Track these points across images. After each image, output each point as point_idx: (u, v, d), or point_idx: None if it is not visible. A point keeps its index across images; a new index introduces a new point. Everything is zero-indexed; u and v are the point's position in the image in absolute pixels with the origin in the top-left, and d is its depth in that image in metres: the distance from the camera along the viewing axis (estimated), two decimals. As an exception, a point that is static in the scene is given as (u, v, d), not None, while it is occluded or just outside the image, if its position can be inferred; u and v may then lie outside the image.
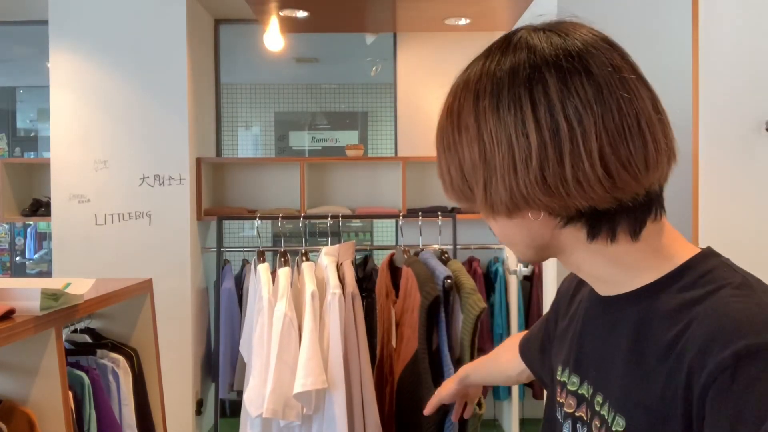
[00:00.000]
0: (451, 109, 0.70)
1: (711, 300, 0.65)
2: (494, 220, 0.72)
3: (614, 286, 0.73)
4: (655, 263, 0.70)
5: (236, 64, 4.51)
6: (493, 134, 0.65)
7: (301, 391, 1.96)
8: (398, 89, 3.91)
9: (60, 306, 1.28)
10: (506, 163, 0.65)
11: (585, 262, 0.72)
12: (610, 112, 0.64)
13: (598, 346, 0.76)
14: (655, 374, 0.65)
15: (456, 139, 0.69)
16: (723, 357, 0.59)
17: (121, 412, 1.63)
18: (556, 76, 0.64)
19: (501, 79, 0.66)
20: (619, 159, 0.64)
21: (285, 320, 2.06)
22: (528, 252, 0.74)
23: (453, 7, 3.10)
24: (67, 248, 3.36)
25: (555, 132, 0.63)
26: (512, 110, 0.64)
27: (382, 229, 5.29)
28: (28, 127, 6.58)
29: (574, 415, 0.77)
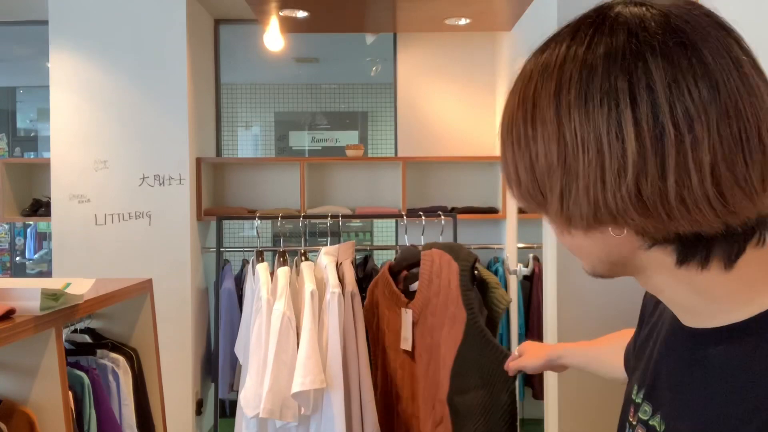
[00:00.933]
0: (524, 96, 0.58)
1: None
2: (567, 233, 0.61)
3: (698, 318, 0.63)
4: (748, 296, 0.59)
5: (236, 64, 4.51)
6: (578, 134, 0.54)
7: (300, 390, 1.95)
8: (398, 89, 3.90)
9: (60, 306, 1.28)
10: (593, 170, 0.53)
11: (668, 287, 0.62)
12: (727, 117, 0.51)
13: (675, 381, 0.65)
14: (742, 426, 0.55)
15: (529, 133, 0.57)
16: None
17: (121, 412, 1.63)
18: (663, 68, 0.51)
19: (593, 66, 0.54)
20: (735, 175, 0.52)
21: (283, 319, 2.06)
22: (600, 267, 0.64)
23: (453, 7, 3.10)
24: (67, 248, 3.36)
25: (659, 138, 0.51)
26: (605, 107, 0.52)
27: (382, 229, 5.29)
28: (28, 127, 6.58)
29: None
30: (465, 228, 3.60)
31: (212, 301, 3.66)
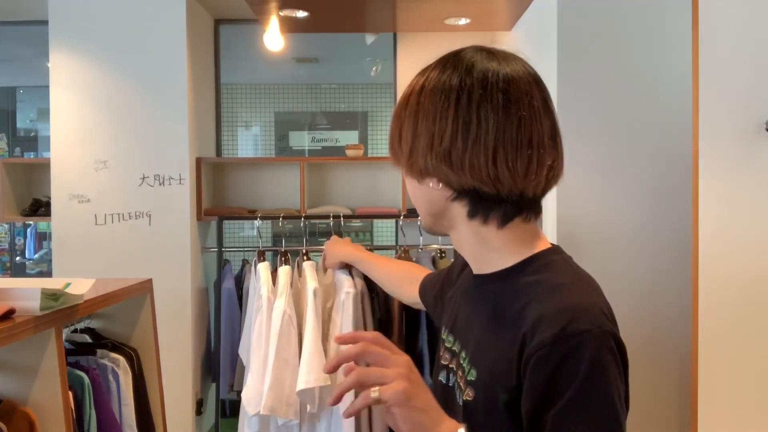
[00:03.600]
0: (406, 92, 0.93)
1: (546, 286, 0.84)
2: (410, 180, 0.93)
3: (484, 266, 0.93)
4: (514, 251, 0.90)
5: (236, 64, 4.51)
6: (424, 113, 0.87)
7: (304, 388, 1.96)
8: (398, 89, 3.90)
9: (60, 306, 1.28)
10: (427, 136, 0.86)
11: (465, 239, 0.93)
12: (512, 124, 0.84)
13: (468, 313, 0.97)
14: (502, 337, 0.84)
15: (402, 112, 0.91)
16: (545, 336, 0.78)
17: (121, 412, 1.63)
18: (481, 86, 0.85)
19: (445, 78, 0.88)
20: (506, 160, 0.84)
21: (284, 317, 2.06)
22: (427, 219, 0.95)
23: (453, 7, 3.10)
24: (67, 248, 3.35)
25: (467, 124, 0.84)
26: (442, 99, 0.86)
27: (382, 229, 5.29)
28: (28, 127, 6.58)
29: (448, 366, 0.97)
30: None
31: (212, 301, 3.66)
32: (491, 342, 0.87)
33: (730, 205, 1.94)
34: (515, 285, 0.87)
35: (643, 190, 2.53)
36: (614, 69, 2.52)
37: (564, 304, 0.80)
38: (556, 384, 0.76)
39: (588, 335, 0.77)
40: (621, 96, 2.53)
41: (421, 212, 0.96)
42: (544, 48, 2.71)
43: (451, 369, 0.96)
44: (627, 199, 2.52)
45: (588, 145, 2.51)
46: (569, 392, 0.75)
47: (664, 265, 2.50)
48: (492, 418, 0.83)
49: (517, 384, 0.80)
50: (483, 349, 0.88)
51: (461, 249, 0.95)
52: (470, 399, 0.86)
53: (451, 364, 0.96)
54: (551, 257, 0.90)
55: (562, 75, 2.52)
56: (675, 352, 2.48)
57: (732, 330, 1.94)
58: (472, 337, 0.92)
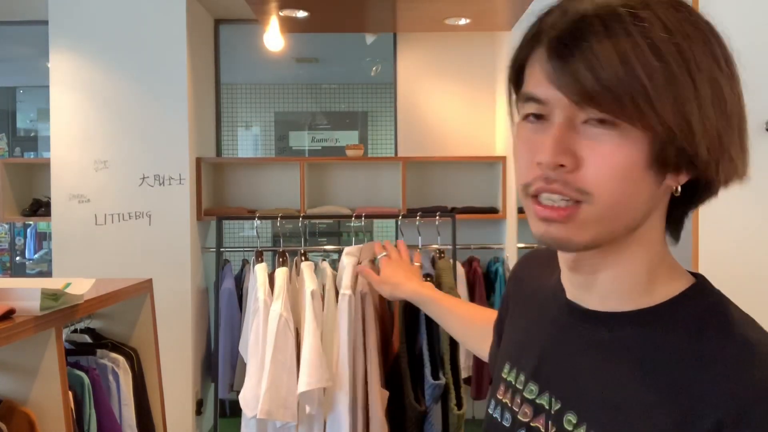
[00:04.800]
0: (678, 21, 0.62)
1: (737, 345, 0.58)
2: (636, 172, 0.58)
3: (626, 299, 0.64)
4: (667, 279, 0.64)
5: (236, 64, 4.51)
6: (714, 81, 0.60)
7: (306, 390, 1.96)
8: (398, 89, 3.90)
9: (60, 306, 1.28)
10: (719, 114, 0.60)
11: (637, 262, 0.63)
12: (740, 95, 0.65)
13: (575, 362, 0.67)
14: (663, 407, 0.57)
15: (691, 62, 0.59)
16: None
17: (121, 412, 1.63)
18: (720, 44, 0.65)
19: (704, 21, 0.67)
20: (742, 140, 0.64)
21: (280, 320, 2.06)
22: (618, 227, 0.61)
23: (453, 7, 3.10)
24: (67, 248, 3.36)
25: (740, 97, 0.64)
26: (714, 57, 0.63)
27: (382, 229, 5.29)
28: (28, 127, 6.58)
29: (530, 425, 0.69)
30: (465, 228, 3.60)
31: (212, 301, 3.66)
32: (642, 410, 0.58)
33: (729, 204, 1.94)
34: (680, 333, 0.60)
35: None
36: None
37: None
38: None
39: None
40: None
41: (622, 221, 0.60)
42: (544, 48, 2.71)
43: (536, 429, 0.68)
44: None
45: (588, 145, 2.51)
46: None
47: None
48: None
49: None
50: (628, 419, 0.59)
51: (595, 273, 0.65)
52: None
53: (534, 423, 0.68)
54: (713, 290, 0.65)
55: (562, 75, 2.51)
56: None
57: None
58: (595, 399, 0.63)
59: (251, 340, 2.16)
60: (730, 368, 0.55)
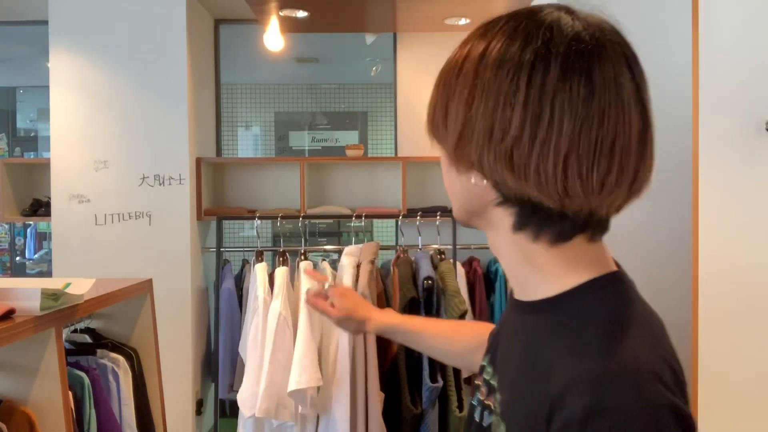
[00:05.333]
0: (459, 55, 0.72)
1: (588, 333, 0.65)
2: (448, 166, 0.74)
3: (524, 289, 0.75)
4: (562, 274, 0.70)
5: (236, 64, 4.51)
6: (485, 93, 0.66)
7: (296, 389, 1.95)
8: (398, 89, 3.90)
9: (60, 306, 1.28)
10: (485, 126, 0.66)
11: (504, 249, 0.74)
12: (591, 120, 0.63)
13: (505, 347, 0.79)
14: (533, 390, 0.66)
15: (452, 80, 0.70)
16: (574, 408, 0.60)
17: (121, 412, 1.63)
18: (560, 68, 0.63)
19: (510, 47, 0.66)
20: (579, 170, 0.64)
21: (279, 319, 2.06)
22: (461, 213, 0.78)
23: (453, 7, 3.10)
24: (67, 248, 3.35)
25: (537, 117, 0.63)
26: (509, 78, 0.65)
27: (382, 229, 5.29)
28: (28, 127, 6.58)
29: (484, 403, 0.79)
30: (465, 228, 3.60)
31: (212, 301, 3.66)
32: (523, 393, 0.69)
33: (730, 204, 1.94)
34: (553, 323, 0.69)
35: (643, 190, 2.53)
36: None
37: (604, 366, 0.61)
38: None
39: (628, 411, 0.58)
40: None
41: (455, 204, 0.78)
42: (544, 48, 2.71)
43: (488, 407, 0.78)
44: (627, 199, 2.52)
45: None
46: None
47: (664, 265, 2.50)
48: None
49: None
50: (514, 400, 0.71)
51: (499, 255, 0.77)
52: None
53: (488, 401, 0.78)
54: (604, 291, 0.70)
55: (562, 75, 2.52)
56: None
57: (732, 329, 1.94)
58: (507, 378, 0.75)
59: (250, 338, 2.16)
60: (571, 352, 0.64)
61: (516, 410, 0.69)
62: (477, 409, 0.80)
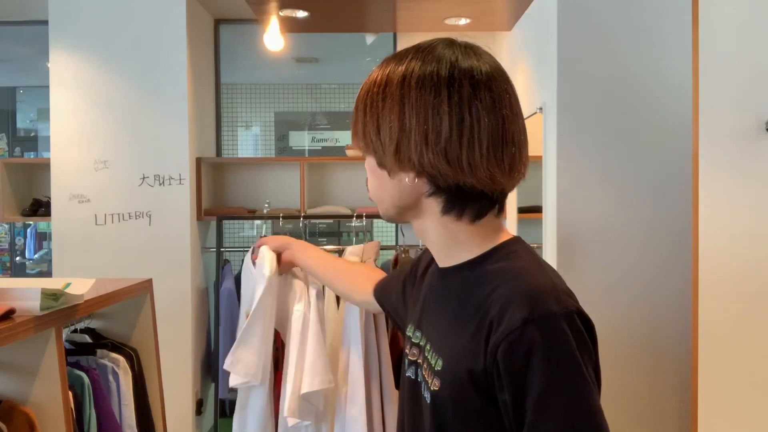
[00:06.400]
0: (379, 80, 0.89)
1: (511, 272, 0.86)
2: (377, 172, 0.92)
3: (450, 259, 0.94)
4: (480, 243, 0.91)
5: (236, 64, 4.51)
6: (414, 107, 0.85)
7: (309, 391, 1.95)
8: (398, 89, 3.90)
9: (60, 306, 1.28)
10: (420, 133, 0.84)
11: (432, 230, 0.93)
12: (498, 122, 0.85)
13: (433, 307, 0.98)
14: (467, 324, 0.85)
15: (378, 102, 0.88)
16: (513, 320, 0.79)
17: (121, 412, 1.63)
18: (470, 84, 0.85)
19: (427, 70, 0.85)
20: (497, 157, 0.85)
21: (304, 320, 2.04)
22: (391, 210, 0.95)
23: (453, 7, 3.10)
24: (67, 248, 3.35)
25: (461, 121, 0.83)
26: (432, 95, 0.84)
27: (383, 229, 5.28)
28: (28, 127, 6.58)
29: (416, 362, 0.98)
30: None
31: (212, 301, 3.66)
32: (456, 330, 0.87)
33: (730, 204, 1.94)
34: (479, 274, 0.89)
35: (643, 191, 2.53)
36: (614, 69, 2.52)
37: (529, 287, 0.82)
38: (530, 366, 0.77)
39: (556, 315, 0.79)
40: (621, 96, 2.53)
41: (385, 203, 0.95)
42: (544, 48, 2.71)
43: (417, 363, 0.97)
44: (627, 200, 2.52)
45: (588, 145, 2.51)
46: (544, 375, 0.76)
47: (665, 265, 2.50)
48: (459, 407, 0.85)
49: (483, 369, 0.81)
50: (448, 337, 0.89)
51: (425, 239, 0.96)
52: (437, 389, 0.87)
53: (418, 359, 0.97)
54: (513, 247, 0.91)
55: (562, 75, 2.51)
56: (675, 352, 2.48)
57: (732, 329, 1.94)
58: (438, 328, 0.94)
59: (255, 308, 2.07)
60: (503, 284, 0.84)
61: (452, 343, 0.87)
62: (410, 369, 0.99)
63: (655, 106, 2.54)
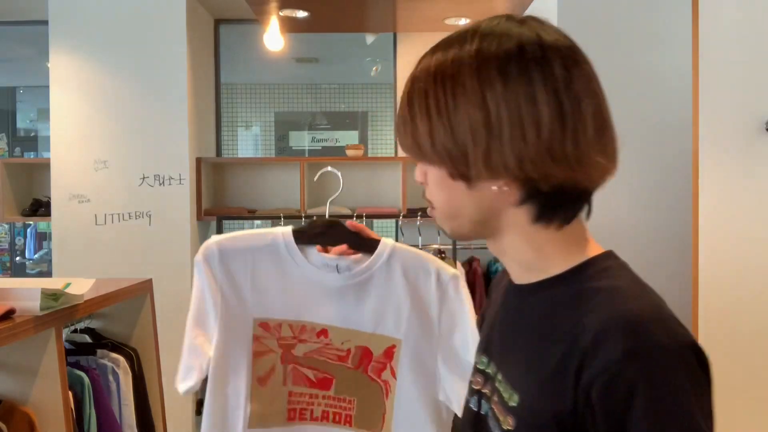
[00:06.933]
0: (441, 71, 0.73)
1: (608, 293, 0.71)
2: (452, 185, 0.74)
3: (531, 274, 0.78)
4: (566, 256, 0.76)
5: (236, 64, 4.51)
6: (501, 98, 0.68)
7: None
8: (398, 89, 3.90)
9: (60, 306, 1.28)
10: (515, 129, 0.68)
11: (514, 246, 0.77)
12: (595, 101, 0.71)
13: (506, 330, 0.82)
14: (551, 353, 0.70)
15: (449, 103, 0.70)
16: (613, 352, 0.65)
17: (121, 412, 1.63)
18: (560, 61, 0.70)
19: (507, 51, 0.70)
20: (601, 143, 0.71)
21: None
22: (466, 227, 0.78)
23: (453, 7, 3.10)
24: (67, 248, 3.35)
25: (560, 107, 0.68)
26: (522, 79, 0.68)
27: (383, 229, 5.29)
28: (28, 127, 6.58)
29: (480, 392, 0.83)
30: (465, 228, 3.60)
31: (212, 301, 3.65)
32: (537, 359, 0.73)
33: (729, 204, 1.94)
34: (566, 294, 0.74)
35: (643, 190, 2.53)
36: (614, 69, 2.52)
37: (631, 313, 0.67)
38: (631, 409, 0.64)
39: (665, 349, 0.65)
40: (621, 96, 2.52)
41: (459, 220, 0.77)
42: (544, 48, 2.71)
43: (483, 394, 0.82)
44: (627, 200, 2.52)
45: (588, 145, 2.52)
46: (648, 421, 0.63)
47: (665, 265, 2.50)
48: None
49: (573, 409, 0.67)
50: (527, 368, 0.74)
51: (503, 255, 0.80)
52: (511, 428, 0.73)
53: (484, 389, 0.82)
54: (606, 263, 0.76)
55: (562, 75, 2.52)
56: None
57: (732, 329, 1.94)
58: (512, 356, 0.78)
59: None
60: (597, 306, 0.69)
61: (532, 376, 0.72)
62: (473, 399, 0.84)
63: (655, 106, 2.54)
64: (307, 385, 1.17)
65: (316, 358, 1.15)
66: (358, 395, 1.16)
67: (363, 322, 1.13)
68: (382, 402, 1.14)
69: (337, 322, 1.14)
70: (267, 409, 1.20)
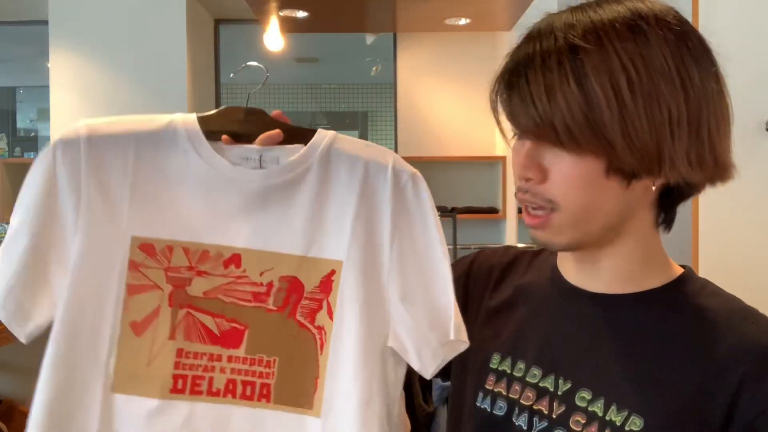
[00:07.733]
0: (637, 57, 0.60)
1: (742, 311, 0.66)
2: (600, 184, 0.63)
3: (626, 283, 0.70)
4: (664, 263, 0.71)
5: (236, 64, 4.51)
6: (697, 88, 0.61)
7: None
8: (398, 89, 3.90)
9: (60, 306, 1.28)
10: (694, 121, 0.61)
11: (622, 253, 0.69)
12: (726, 92, 0.65)
13: (589, 343, 0.71)
14: (682, 373, 0.64)
15: (652, 87, 0.60)
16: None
17: (121, 412, 1.63)
18: (707, 47, 0.65)
19: (704, 46, 0.65)
20: (729, 138, 0.65)
21: None
22: (596, 233, 0.67)
23: (453, 7, 3.10)
24: (67, 248, 3.36)
25: (726, 110, 0.64)
26: (711, 80, 0.62)
27: (382, 229, 5.28)
28: (28, 127, 6.58)
29: (532, 408, 0.71)
30: (465, 228, 3.60)
31: (212, 301, 3.66)
32: (662, 378, 0.65)
33: (730, 204, 1.94)
34: (685, 310, 0.68)
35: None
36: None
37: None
38: None
39: None
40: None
41: (591, 225, 0.66)
42: (544, 48, 2.71)
43: (538, 412, 0.71)
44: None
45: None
46: None
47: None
48: None
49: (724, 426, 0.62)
50: (649, 388, 0.65)
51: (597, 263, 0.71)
52: None
53: (538, 406, 0.71)
54: (701, 278, 0.72)
55: (562, 75, 2.52)
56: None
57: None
58: (613, 375, 0.68)
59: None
60: (741, 328, 0.64)
61: (662, 398, 0.64)
62: (522, 416, 0.72)
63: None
64: (207, 341, 0.76)
65: (221, 300, 0.75)
66: (282, 353, 0.75)
67: (291, 242, 0.76)
68: (315, 359, 0.75)
69: (256, 243, 0.76)
70: (141, 369, 0.75)
